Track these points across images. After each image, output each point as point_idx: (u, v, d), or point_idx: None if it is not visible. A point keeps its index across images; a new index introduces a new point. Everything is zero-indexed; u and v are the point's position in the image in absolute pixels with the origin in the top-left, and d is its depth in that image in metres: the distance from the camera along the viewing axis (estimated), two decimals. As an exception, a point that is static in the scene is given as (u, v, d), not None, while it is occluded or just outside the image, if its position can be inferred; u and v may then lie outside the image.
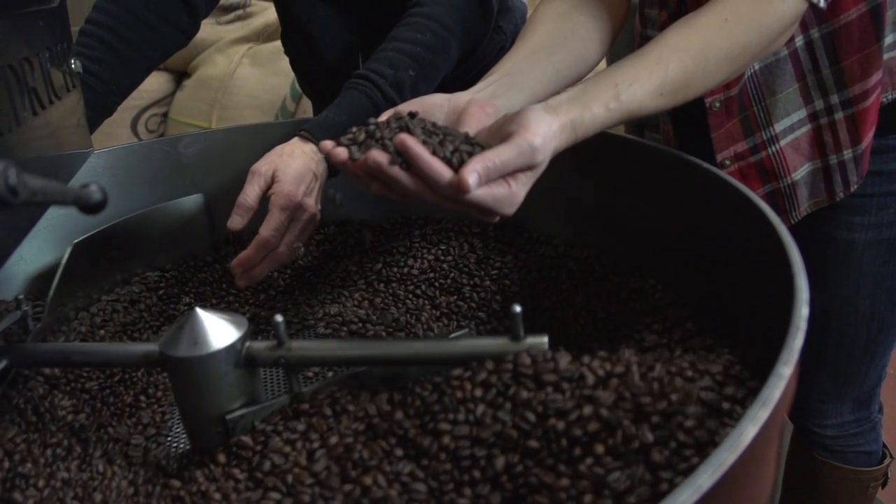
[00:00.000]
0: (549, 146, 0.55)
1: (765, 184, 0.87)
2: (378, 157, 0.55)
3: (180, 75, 2.38)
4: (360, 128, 0.59)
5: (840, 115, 0.81)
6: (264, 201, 0.80)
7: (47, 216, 0.78)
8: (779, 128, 0.83)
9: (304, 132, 0.83)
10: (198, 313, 0.56)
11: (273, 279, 0.94)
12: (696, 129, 0.87)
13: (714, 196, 0.67)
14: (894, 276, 0.89)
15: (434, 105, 0.67)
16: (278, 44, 1.27)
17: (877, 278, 0.89)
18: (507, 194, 0.55)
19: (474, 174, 0.52)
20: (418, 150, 0.53)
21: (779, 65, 0.81)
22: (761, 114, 0.83)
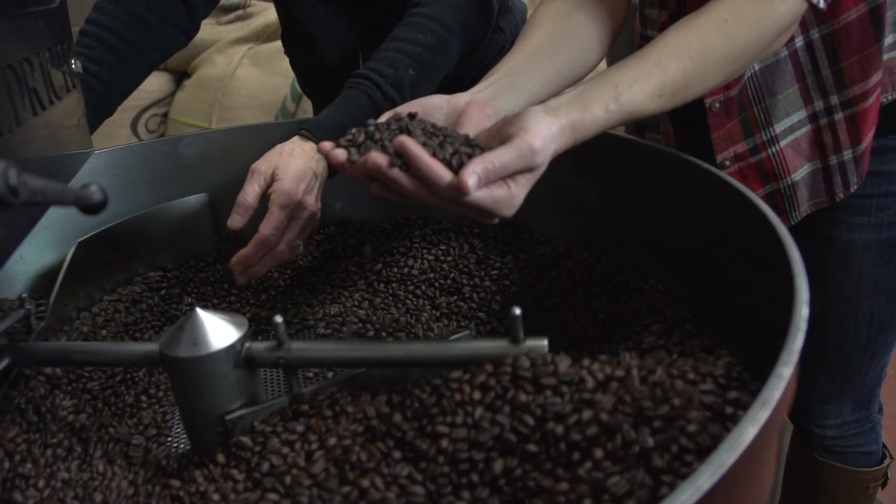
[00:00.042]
0: (549, 148, 0.55)
1: (765, 184, 0.87)
2: (377, 159, 0.54)
3: (180, 75, 2.38)
4: (360, 129, 0.59)
5: (840, 116, 0.81)
6: (265, 200, 0.80)
7: (47, 216, 0.79)
8: (779, 128, 0.83)
9: (304, 131, 0.83)
10: (198, 313, 0.56)
11: (273, 279, 0.94)
12: (695, 129, 0.87)
13: (714, 197, 0.67)
14: (894, 277, 0.89)
15: (433, 106, 0.66)
16: (278, 44, 1.27)
17: (877, 279, 0.89)
18: (507, 196, 0.55)
19: (474, 176, 0.52)
20: (417, 151, 0.53)
21: (779, 65, 0.81)
22: (761, 114, 0.83)
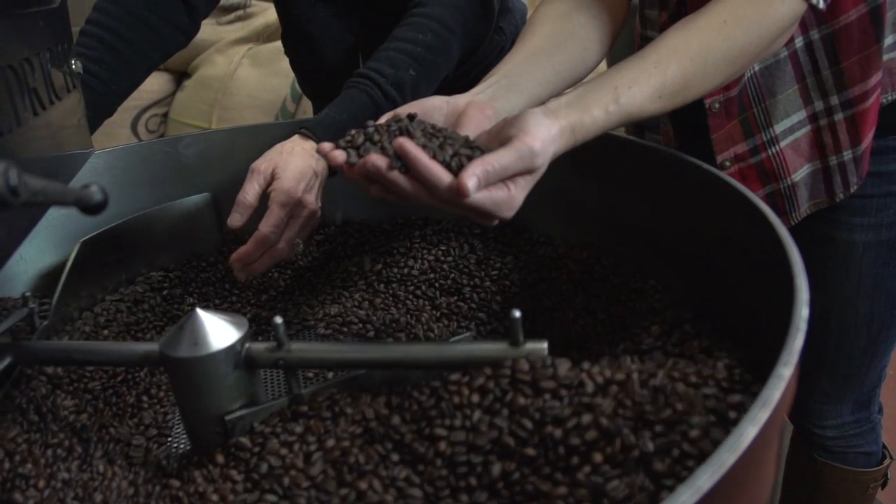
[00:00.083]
0: (549, 150, 0.55)
1: (765, 185, 0.87)
2: (377, 161, 0.54)
3: (180, 76, 2.38)
4: (359, 131, 0.59)
5: (840, 117, 0.81)
6: (266, 199, 0.80)
7: (47, 216, 0.79)
8: (779, 129, 0.83)
9: (304, 130, 0.84)
10: (198, 314, 0.56)
11: (274, 279, 0.94)
12: (695, 130, 0.87)
13: (714, 197, 0.67)
14: (894, 277, 0.89)
15: (433, 107, 0.66)
16: (278, 44, 1.27)
17: (877, 279, 0.89)
18: (506, 198, 0.55)
19: (473, 178, 0.52)
20: (417, 153, 0.53)
21: (778, 66, 0.81)
22: (761, 115, 0.83)
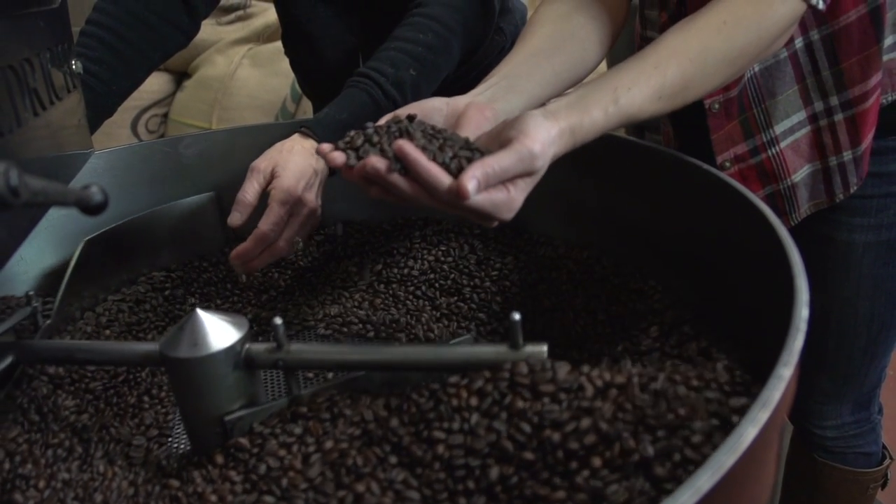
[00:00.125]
0: (549, 152, 0.56)
1: (765, 186, 0.87)
2: (376, 164, 0.54)
3: (180, 76, 2.38)
4: (358, 132, 0.58)
5: (840, 117, 0.81)
6: (267, 198, 0.80)
7: (47, 217, 0.79)
8: (778, 130, 0.83)
9: (304, 128, 0.84)
10: (198, 314, 0.56)
11: (274, 280, 0.94)
12: (695, 131, 0.87)
13: (714, 197, 0.67)
14: (894, 278, 0.89)
15: (433, 109, 0.67)
16: (279, 44, 1.27)
17: (876, 280, 0.89)
18: (506, 200, 0.55)
19: (473, 180, 0.52)
20: (416, 155, 0.53)
21: (778, 66, 0.81)
22: (761, 116, 0.83)
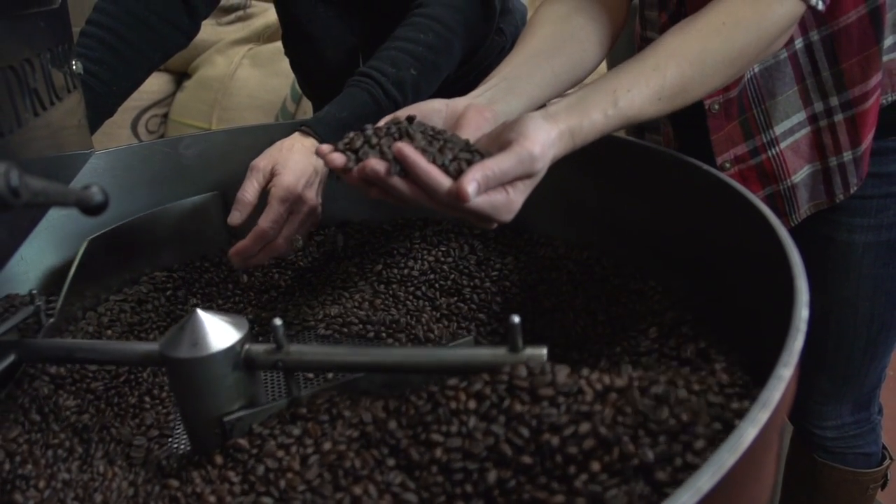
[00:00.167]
0: (548, 154, 0.56)
1: (765, 186, 0.87)
2: (376, 166, 0.54)
3: (181, 76, 2.38)
4: (357, 133, 0.58)
5: (840, 118, 0.81)
6: (267, 196, 0.80)
7: (47, 217, 0.79)
8: (778, 130, 0.83)
9: (304, 127, 0.84)
10: (199, 314, 0.56)
11: (275, 280, 0.94)
12: (695, 131, 0.87)
13: (714, 198, 0.67)
14: (894, 278, 0.89)
15: (432, 110, 0.67)
16: (279, 45, 1.27)
17: (876, 280, 0.89)
18: (505, 202, 0.55)
19: (473, 183, 0.52)
20: (416, 158, 0.53)
21: (778, 67, 0.81)
22: (761, 116, 0.83)
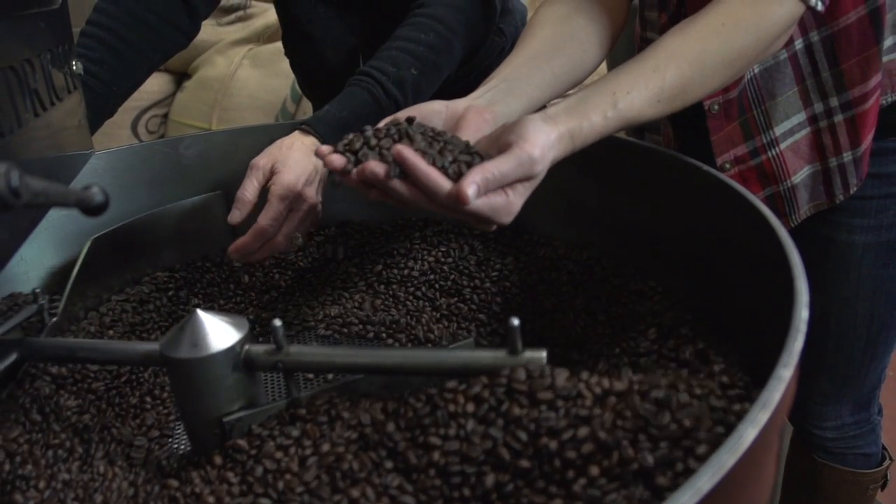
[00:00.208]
0: (548, 157, 0.56)
1: (765, 187, 0.87)
2: (375, 169, 0.54)
3: (181, 76, 2.38)
4: (357, 135, 0.58)
5: (839, 118, 0.81)
6: (267, 195, 0.80)
7: (47, 217, 0.79)
8: (778, 131, 0.83)
9: (305, 126, 0.84)
10: (199, 315, 0.56)
11: (275, 280, 0.94)
12: (695, 132, 0.87)
13: (714, 199, 0.67)
14: (894, 279, 0.89)
15: (432, 111, 0.67)
16: (279, 45, 1.27)
17: (876, 280, 0.89)
18: (505, 204, 0.55)
19: (473, 186, 0.52)
20: (415, 160, 0.53)
21: (778, 68, 0.81)
22: (761, 117, 0.83)
